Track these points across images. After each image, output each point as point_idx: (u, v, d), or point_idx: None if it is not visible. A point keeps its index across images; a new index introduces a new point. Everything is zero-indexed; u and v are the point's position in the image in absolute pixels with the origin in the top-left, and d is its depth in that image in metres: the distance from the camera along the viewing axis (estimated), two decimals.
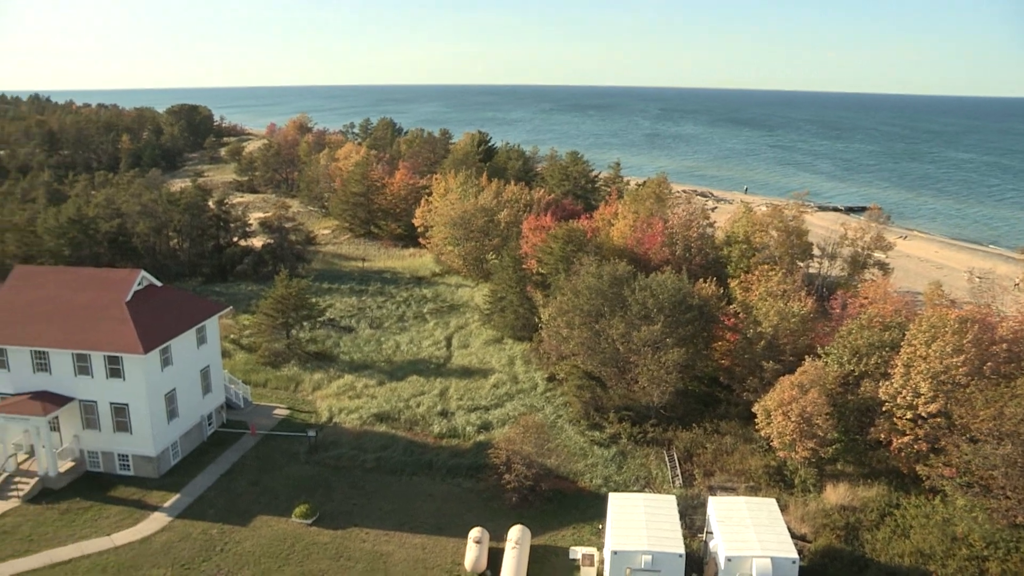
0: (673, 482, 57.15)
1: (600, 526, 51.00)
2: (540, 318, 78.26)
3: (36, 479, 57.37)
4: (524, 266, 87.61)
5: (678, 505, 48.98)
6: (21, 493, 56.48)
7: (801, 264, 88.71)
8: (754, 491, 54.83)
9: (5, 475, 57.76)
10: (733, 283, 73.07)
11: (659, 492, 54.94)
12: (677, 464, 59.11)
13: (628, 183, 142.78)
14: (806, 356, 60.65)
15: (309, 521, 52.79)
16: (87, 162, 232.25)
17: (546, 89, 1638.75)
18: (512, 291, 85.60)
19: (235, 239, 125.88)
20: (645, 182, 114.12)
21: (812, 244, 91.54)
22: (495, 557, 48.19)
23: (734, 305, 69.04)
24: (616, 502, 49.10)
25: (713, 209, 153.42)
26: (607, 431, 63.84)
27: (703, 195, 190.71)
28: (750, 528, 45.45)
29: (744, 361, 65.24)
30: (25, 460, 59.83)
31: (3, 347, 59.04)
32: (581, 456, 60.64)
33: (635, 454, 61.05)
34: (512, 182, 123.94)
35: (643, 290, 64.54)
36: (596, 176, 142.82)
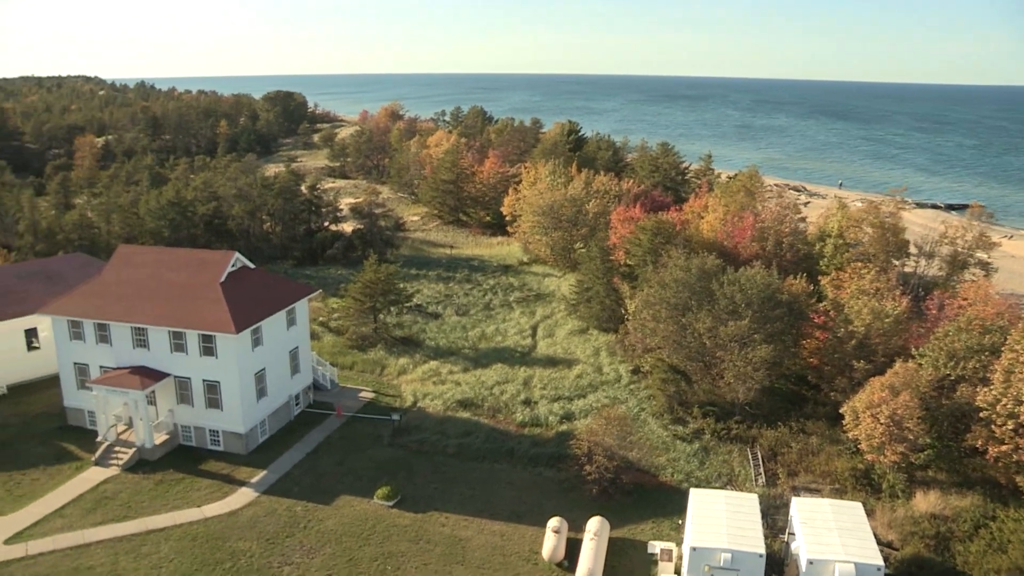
0: (756, 480, 56.38)
1: (680, 521, 50.67)
2: (626, 310, 77.94)
3: (134, 449, 59.78)
4: (612, 257, 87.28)
5: (760, 504, 48.28)
6: (120, 462, 58.99)
7: (896, 262, 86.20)
8: (839, 494, 53.70)
9: (106, 444, 60.34)
10: (824, 280, 71.52)
11: (741, 490, 54.24)
12: (760, 463, 58.29)
13: (719, 175, 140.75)
14: (898, 357, 59.00)
15: (390, 503, 53.72)
16: (187, 146, 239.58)
17: (636, 79, 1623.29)
18: (599, 282, 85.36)
19: (326, 224, 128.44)
20: (736, 175, 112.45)
21: (909, 242, 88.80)
22: (573, 547, 48.31)
23: (825, 303, 67.59)
24: (697, 498, 48.70)
25: (806, 204, 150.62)
26: (690, 426, 63.29)
27: (796, 189, 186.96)
28: (834, 531, 44.55)
29: (833, 360, 63.88)
30: (124, 431, 62.35)
31: (106, 323, 61.57)
32: (663, 450, 60.27)
33: (718, 450, 60.38)
34: (601, 172, 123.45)
35: (731, 284, 63.66)
36: (686, 168, 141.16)
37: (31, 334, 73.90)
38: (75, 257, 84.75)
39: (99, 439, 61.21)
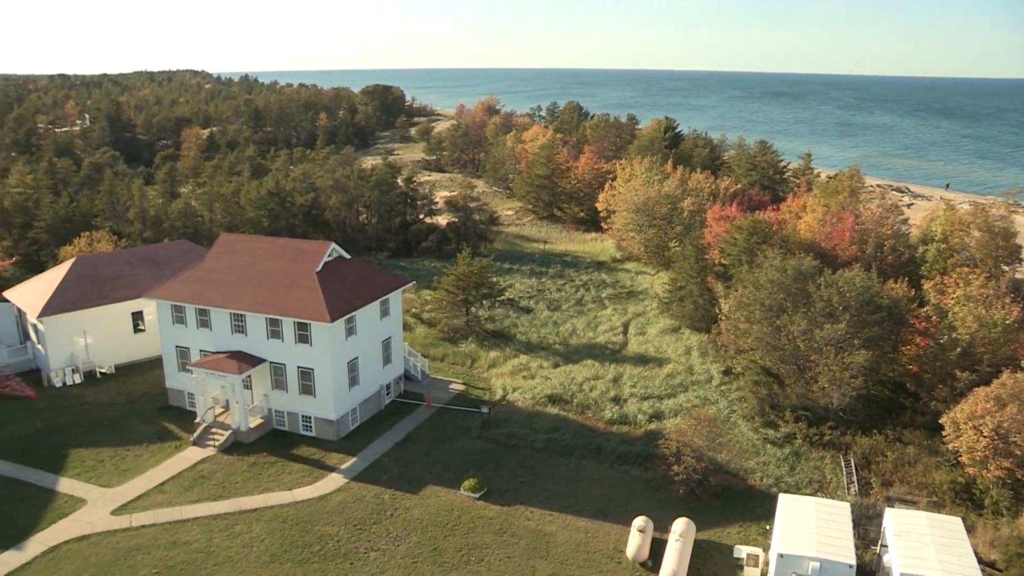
0: (848, 489, 54.94)
1: (768, 527, 49.79)
2: (720, 309, 76.80)
3: (229, 432, 61.68)
4: (706, 256, 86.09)
5: (852, 513, 47.11)
6: (217, 443, 60.97)
7: (1007, 268, 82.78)
8: (937, 507, 51.86)
9: (204, 425, 62.41)
10: (927, 285, 69.23)
11: (832, 498, 52.87)
12: (854, 470, 56.76)
13: (818, 175, 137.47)
14: (1006, 368, 56.63)
15: (477, 495, 54.15)
16: (287, 139, 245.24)
17: (735, 75, 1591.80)
18: (692, 281, 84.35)
19: (421, 216, 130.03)
20: (837, 174, 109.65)
21: (1021, 247, 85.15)
22: (657, 548, 47.91)
23: (927, 308, 65.42)
24: (786, 504, 47.78)
25: (909, 205, 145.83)
26: (782, 430, 62.04)
27: (899, 190, 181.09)
28: (930, 546, 43.08)
29: (934, 368, 61.78)
30: (221, 413, 64.42)
31: (207, 308, 63.63)
32: (753, 453, 59.23)
33: (809, 456, 59.04)
34: (698, 170, 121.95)
35: (828, 287, 62.12)
36: (785, 167, 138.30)
37: (137, 317, 76.98)
38: (179, 244, 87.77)
39: (197, 420, 63.43)
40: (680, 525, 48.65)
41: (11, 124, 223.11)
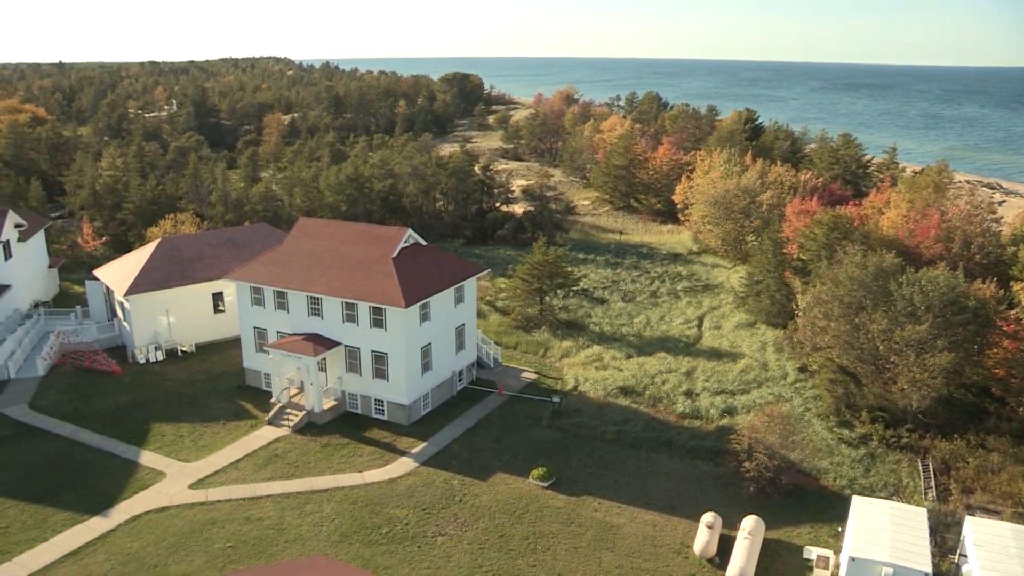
0: (925, 494, 53.44)
1: (839, 529, 48.80)
2: (796, 305, 75.38)
3: (304, 412, 62.86)
4: (784, 250, 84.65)
5: (929, 520, 45.77)
6: (291, 423, 62.20)
7: None
8: (1022, 518, 50.16)
9: (279, 405, 63.73)
10: (1017, 286, 66.92)
11: (908, 503, 51.59)
12: (932, 475, 55.20)
13: (903, 169, 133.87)
14: None
15: (545, 484, 54.22)
16: (366, 125, 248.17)
17: (818, 66, 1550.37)
18: (769, 275, 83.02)
19: (497, 204, 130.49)
20: (923, 169, 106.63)
21: None
22: (725, 544, 47.36)
23: (1016, 310, 63.23)
24: (860, 506, 46.73)
25: (1000, 203, 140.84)
26: (857, 430, 60.66)
27: (989, 187, 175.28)
28: (1015, 559, 41.44)
29: (1023, 373, 59.70)
30: (296, 394, 65.66)
31: (285, 290, 64.86)
32: (827, 453, 58.03)
33: (885, 458, 57.60)
34: (778, 163, 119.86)
35: (911, 285, 60.37)
36: (868, 161, 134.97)
37: (218, 298, 78.93)
38: (260, 227, 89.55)
39: (273, 400, 64.75)
40: (749, 523, 48.01)
41: (104, 109, 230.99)
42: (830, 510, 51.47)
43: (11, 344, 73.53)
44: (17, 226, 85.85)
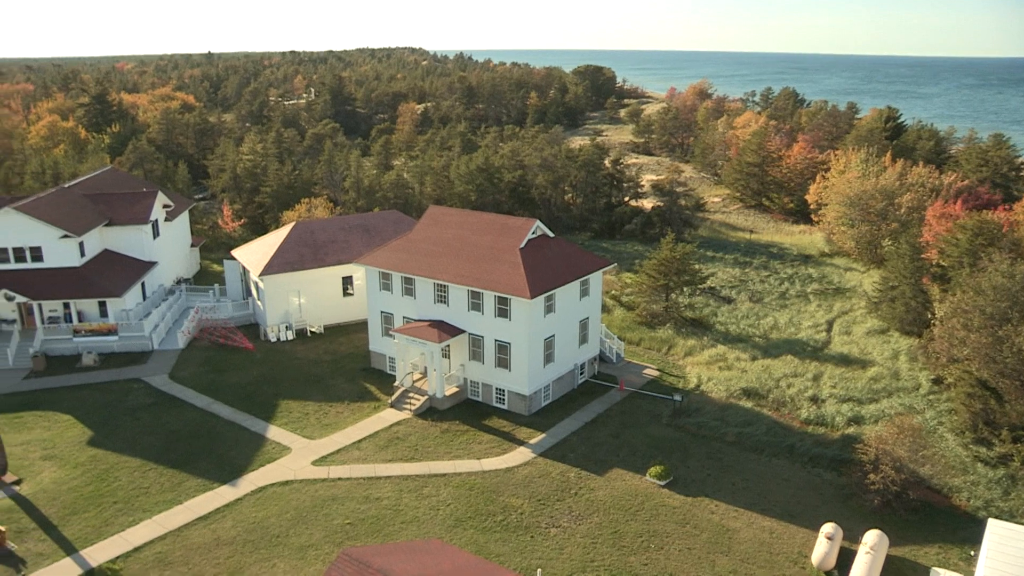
0: None
1: (972, 552, 46.49)
2: (933, 314, 72.17)
3: (426, 397, 63.99)
4: (923, 255, 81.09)
5: None
6: (413, 407, 63.45)
7: None
8: None
9: (402, 389, 65.09)
10: None
11: None
12: None
13: None
14: None
15: (662, 482, 53.64)
16: (498, 116, 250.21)
17: (969, 61, 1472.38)
18: (906, 281, 79.71)
19: (626, 199, 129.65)
20: None
21: None
22: (845, 558, 45.82)
23: None
24: (996, 531, 44.26)
25: None
26: (996, 449, 57.54)
27: None
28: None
29: None
30: (419, 379, 66.91)
31: (412, 277, 66.10)
32: (960, 471, 55.32)
33: None
34: (920, 164, 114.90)
35: None
36: (1022, 163, 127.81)
37: (347, 281, 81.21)
38: (390, 214, 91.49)
39: (396, 384, 66.24)
40: (872, 537, 46.23)
41: (247, 97, 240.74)
42: (961, 531, 49.07)
43: (156, 317, 77.66)
44: (165, 207, 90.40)
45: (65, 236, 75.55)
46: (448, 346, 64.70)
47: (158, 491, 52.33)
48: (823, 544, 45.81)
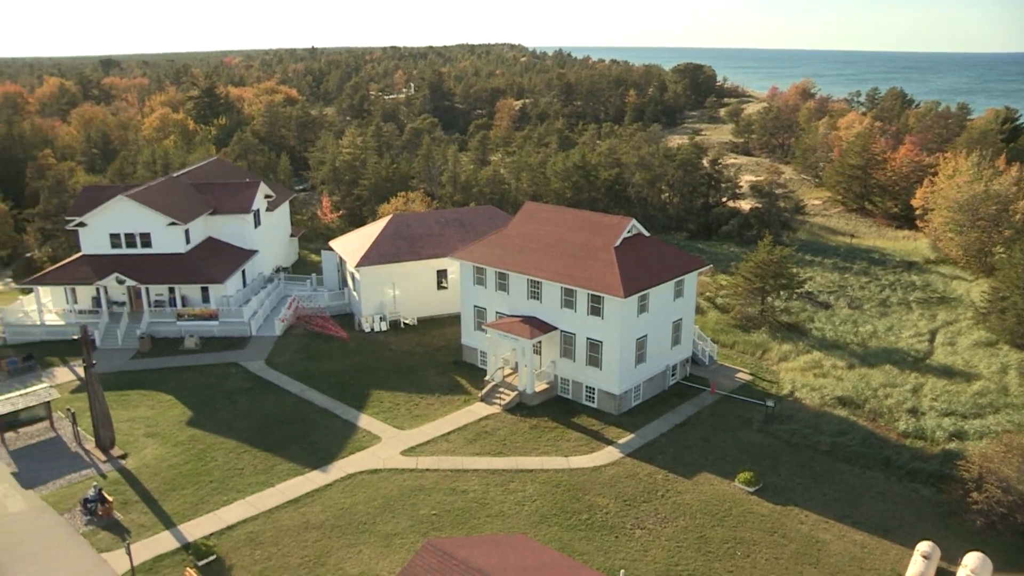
0: None
1: None
2: None
3: (515, 393, 64.12)
4: None
5: None
6: (502, 402, 63.68)
7: None
8: None
9: (492, 384, 65.38)
10: None
11: None
12: None
13: None
14: None
15: (751, 489, 52.60)
16: (595, 113, 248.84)
17: None
18: (1018, 292, 76.35)
19: (724, 199, 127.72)
20: None
21: None
22: None
23: None
24: None
25: None
26: None
27: None
28: None
29: None
30: (509, 374, 67.11)
31: (506, 272, 66.31)
32: None
33: None
34: None
35: None
36: None
37: (442, 275, 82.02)
38: (486, 209, 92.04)
39: (487, 378, 66.58)
40: (973, 559, 44.25)
41: (348, 91, 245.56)
42: None
43: (255, 304, 79.85)
44: (266, 197, 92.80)
45: (172, 224, 78.32)
46: (540, 342, 64.69)
47: (251, 473, 53.85)
48: (919, 563, 44.08)
